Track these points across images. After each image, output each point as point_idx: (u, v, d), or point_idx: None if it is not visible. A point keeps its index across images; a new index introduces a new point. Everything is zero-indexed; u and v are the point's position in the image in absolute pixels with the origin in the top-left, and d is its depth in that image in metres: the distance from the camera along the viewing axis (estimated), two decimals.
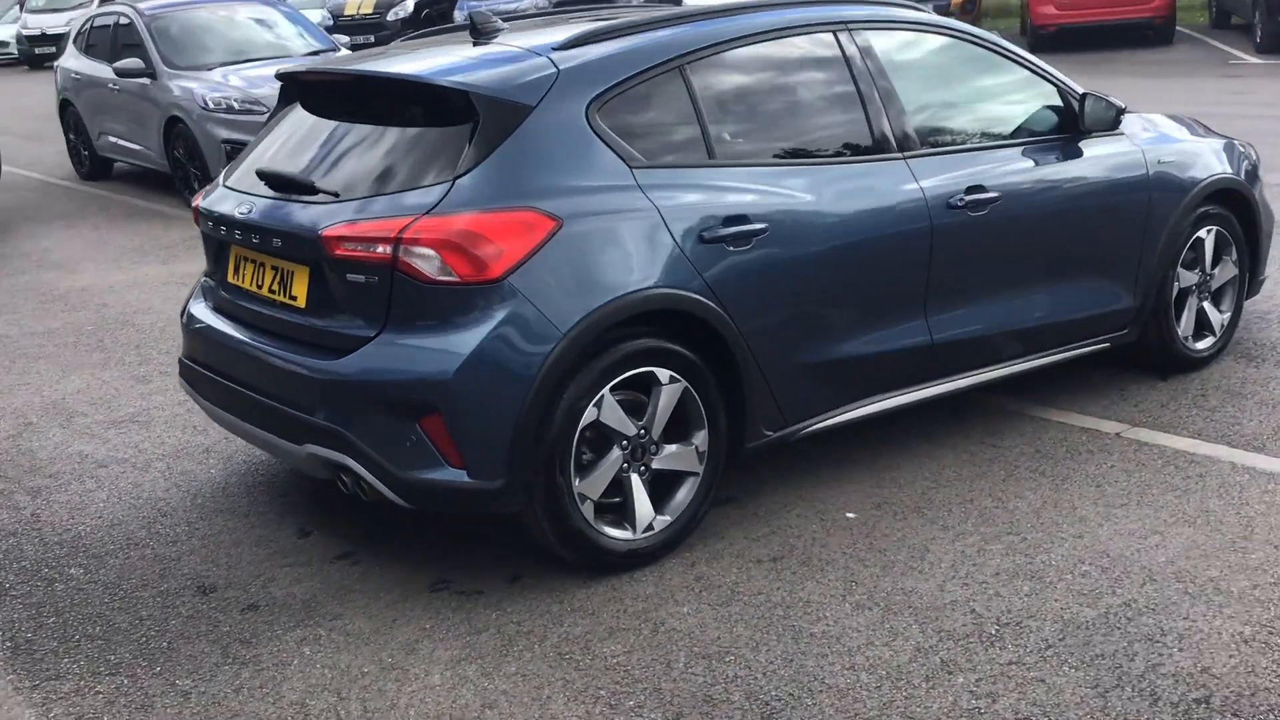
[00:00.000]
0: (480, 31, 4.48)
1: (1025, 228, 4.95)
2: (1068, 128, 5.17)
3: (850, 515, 4.46)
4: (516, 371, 3.76)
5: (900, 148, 4.63)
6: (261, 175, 4.33)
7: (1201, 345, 5.74)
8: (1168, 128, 5.66)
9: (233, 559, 4.37)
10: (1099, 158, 5.19)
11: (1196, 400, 5.40)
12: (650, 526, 4.12)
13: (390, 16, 26.01)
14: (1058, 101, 5.19)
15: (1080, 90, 5.19)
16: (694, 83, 4.25)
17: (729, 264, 4.13)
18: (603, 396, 3.92)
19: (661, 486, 4.19)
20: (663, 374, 4.05)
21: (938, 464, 4.86)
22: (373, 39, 22.58)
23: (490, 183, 3.83)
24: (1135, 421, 5.20)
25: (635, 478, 4.07)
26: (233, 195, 4.37)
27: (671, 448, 4.15)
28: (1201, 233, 5.58)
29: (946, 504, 4.50)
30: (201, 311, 4.57)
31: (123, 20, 12.97)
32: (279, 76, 4.71)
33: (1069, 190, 5.09)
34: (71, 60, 13.89)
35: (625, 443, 4.02)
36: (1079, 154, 5.15)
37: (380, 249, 3.76)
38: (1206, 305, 5.73)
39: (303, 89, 4.62)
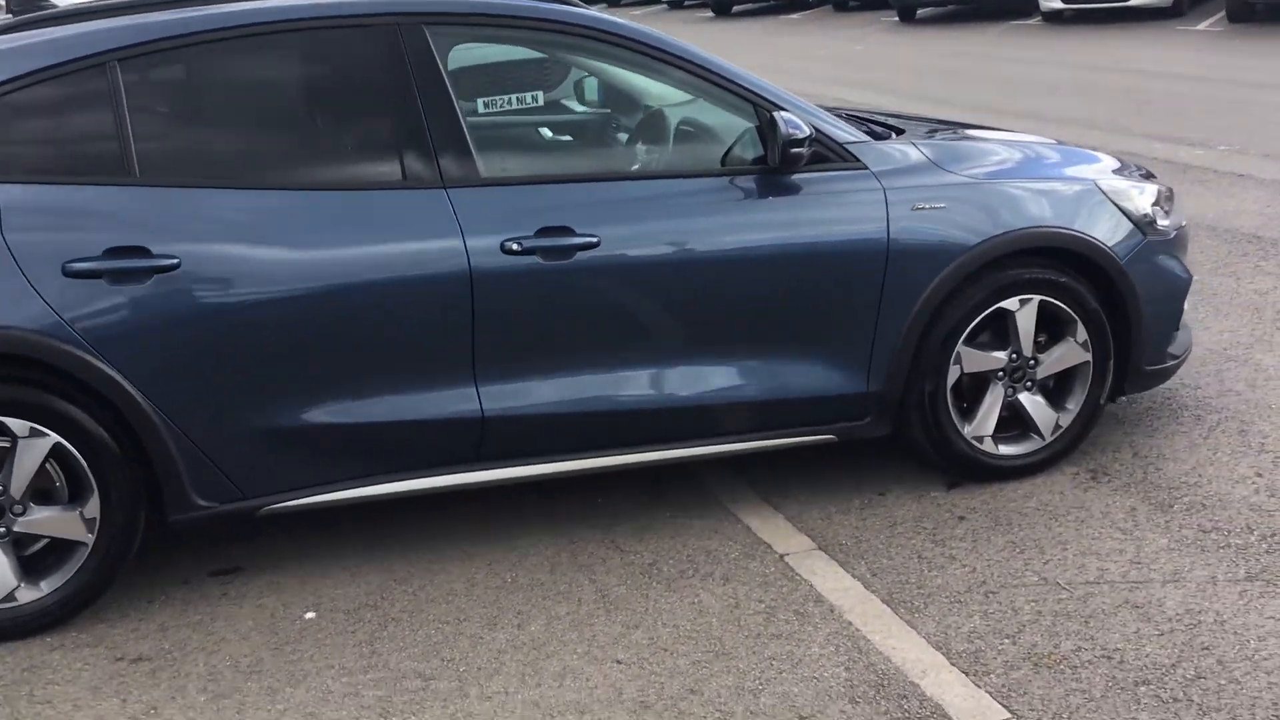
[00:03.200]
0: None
1: (648, 283, 3.86)
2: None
3: (310, 616, 3.69)
4: None
5: (444, 175, 3.70)
6: None
7: (1011, 450, 4.32)
8: (979, 157, 4.27)
9: None
10: (800, 199, 3.96)
11: (941, 526, 4.07)
12: (11, 597, 3.56)
13: None
14: (756, 123, 4.00)
15: (780, 110, 3.94)
16: (126, 86, 3.56)
17: (112, 304, 3.45)
18: None
19: (58, 554, 3.63)
20: (18, 425, 3.46)
21: (513, 562, 3.93)
22: None
23: None
24: (829, 543, 3.98)
25: None
26: None
27: (44, 511, 3.56)
28: (1010, 303, 4.18)
29: (419, 627, 3.61)
30: None
31: None
32: None
33: (732, 238, 3.91)
34: None
35: None
36: (774, 191, 3.95)
37: None
38: (1027, 398, 4.30)
39: None
